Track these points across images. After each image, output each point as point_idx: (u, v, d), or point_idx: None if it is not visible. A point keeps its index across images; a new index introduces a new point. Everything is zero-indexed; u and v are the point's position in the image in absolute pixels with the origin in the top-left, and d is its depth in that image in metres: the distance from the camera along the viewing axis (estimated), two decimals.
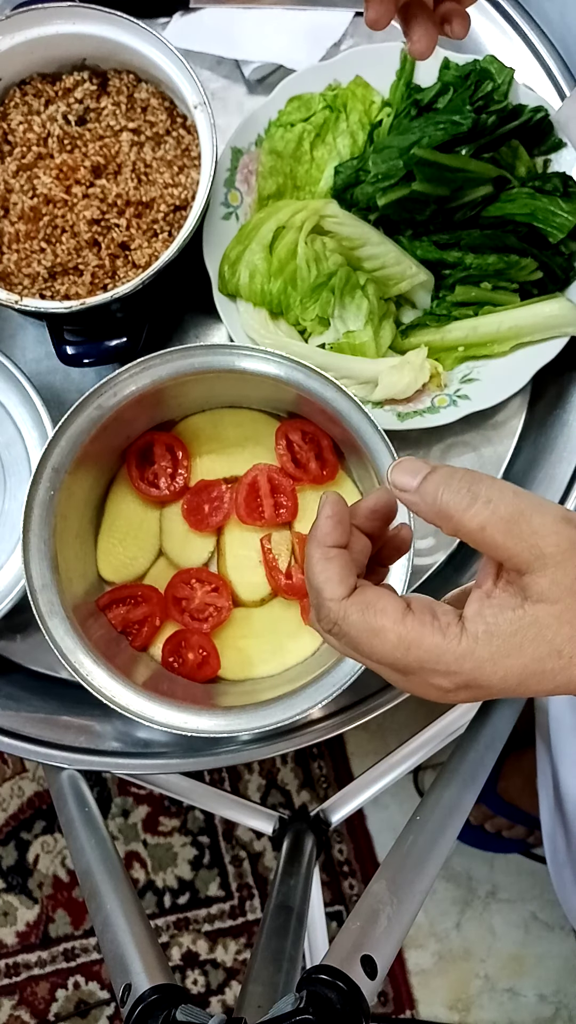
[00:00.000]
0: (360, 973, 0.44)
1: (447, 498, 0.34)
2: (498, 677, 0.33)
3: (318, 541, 0.37)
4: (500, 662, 0.33)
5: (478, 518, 0.33)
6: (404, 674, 0.35)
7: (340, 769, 1.16)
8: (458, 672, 0.33)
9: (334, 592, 0.36)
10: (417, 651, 0.34)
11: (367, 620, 0.35)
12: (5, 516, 0.64)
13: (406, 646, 0.34)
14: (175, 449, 0.64)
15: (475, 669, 0.33)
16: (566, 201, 0.61)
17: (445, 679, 0.34)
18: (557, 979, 1.14)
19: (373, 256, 0.62)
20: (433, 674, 0.34)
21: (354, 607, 0.35)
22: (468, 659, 0.33)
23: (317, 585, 0.36)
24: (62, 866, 1.16)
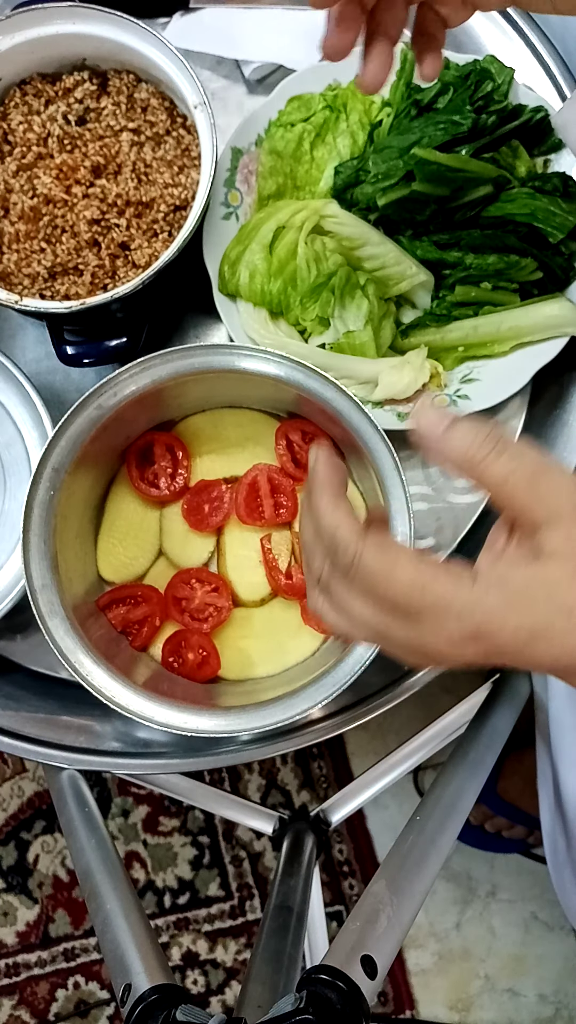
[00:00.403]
0: (360, 973, 0.44)
1: (475, 446, 0.34)
2: (508, 631, 0.33)
3: (324, 486, 0.37)
4: (511, 615, 0.33)
5: (503, 469, 0.33)
6: (414, 622, 0.34)
7: (340, 769, 1.16)
8: (470, 618, 0.33)
9: (352, 529, 0.36)
10: (431, 593, 0.34)
11: (386, 555, 0.35)
12: (5, 516, 0.64)
13: (421, 585, 0.34)
14: (175, 449, 0.64)
15: (486, 618, 0.33)
16: (566, 201, 0.61)
17: (456, 626, 0.33)
18: (557, 979, 1.14)
19: (373, 256, 0.62)
20: (444, 620, 0.33)
21: (372, 544, 0.35)
22: (479, 607, 0.33)
23: (331, 526, 0.36)
24: (62, 866, 1.16)
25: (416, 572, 0.34)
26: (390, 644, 0.36)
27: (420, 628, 0.34)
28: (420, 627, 0.34)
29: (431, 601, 0.34)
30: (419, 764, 0.77)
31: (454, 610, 0.33)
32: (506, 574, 0.34)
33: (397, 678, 0.63)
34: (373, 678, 0.63)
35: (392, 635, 0.36)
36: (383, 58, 0.49)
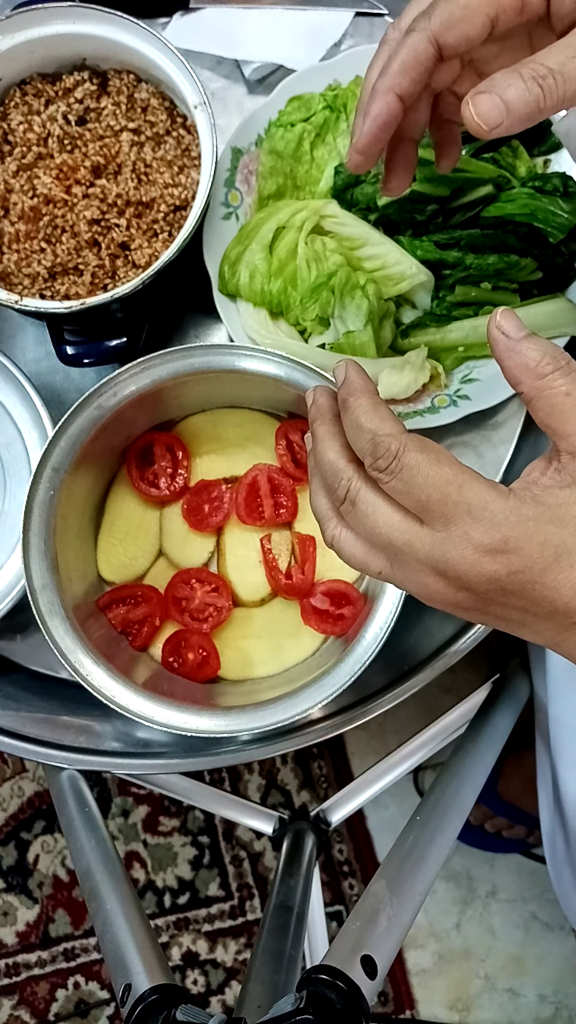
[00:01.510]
0: (360, 973, 0.44)
1: (547, 359, 0.35)
2: (536, 542, 0.33)
3: (364, 391, 0.38)
4: (542, 527, 0.33)
5: (565, 386, 0.34)
6: (443, 526, 0.34)
7: (340, 769, 1.16)
8: (501, 526, 0.33)
9: (396, 426, 0.36)
10: (469, 491, 0.34)
11: (429, 449, 0.35)
12: (5, 516, 0.64)
13: (460, 483, 0.34)
14: (175, 449, 0.64)
15: (518, 527, 0.33)
16: (566, 201, 0.61)
17: (485, 533, 0.33)
18: (557, 979, 1.14)
19: (373, 256, 0.62)
20: (475, 524, 0.34)
21: (415, 439, 0.35)
22: (513, 514, 0.33)
23: (372, 426, 0.36)
24: (62, 866, 1.16)
25: (458, 469, 0.35)
26: (409, 562, 0.36)
27: (447, 533, 0.34)
28: (447, 532, 0.34)
29: (467, 500, 0.34)
30: (419, 764, 0.77)
31: (487, 514, 0.33)
32: (541, 494, 0.34)
33: (397, 678, 0.63)
34: (373, 678, 0.63)
35: (415, 548, 0.35)
36: (408, 163, 0.49)
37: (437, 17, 0.40)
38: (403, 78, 0.41)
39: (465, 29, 0.40)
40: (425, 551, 0.35)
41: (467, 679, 1.07)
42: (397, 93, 0.42)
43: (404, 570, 0.37)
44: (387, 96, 0.42)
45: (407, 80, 0.42)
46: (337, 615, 0.61)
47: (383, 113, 0.42)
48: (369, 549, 0.38)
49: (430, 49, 0.40)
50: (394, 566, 0.37)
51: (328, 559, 0.63)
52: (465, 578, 0.34)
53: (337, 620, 0.61)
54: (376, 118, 0.43)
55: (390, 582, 0.39)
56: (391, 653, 0.56)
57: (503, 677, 0.78)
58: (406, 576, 0.37)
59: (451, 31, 0.40)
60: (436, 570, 0.35)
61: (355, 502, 0.37)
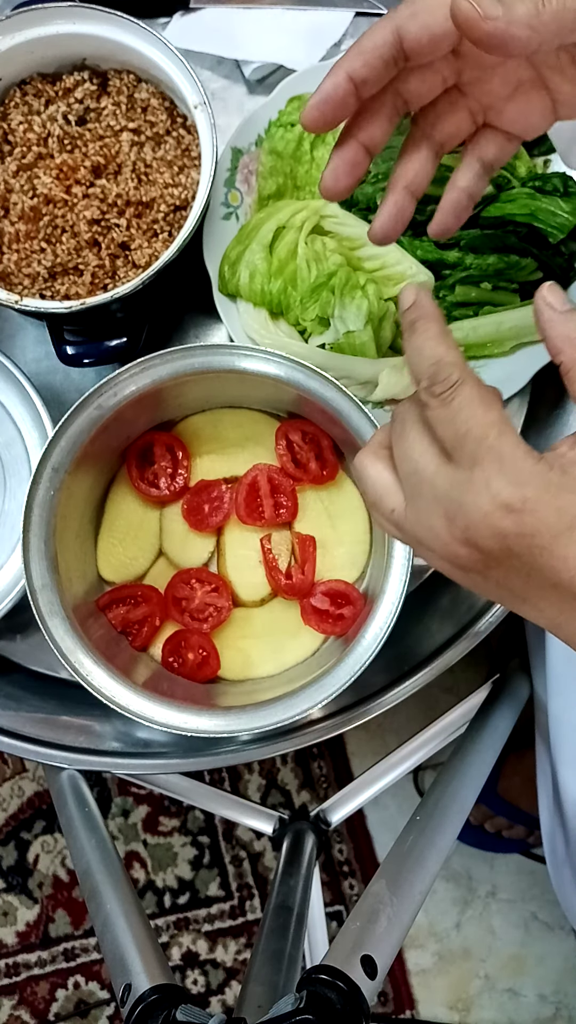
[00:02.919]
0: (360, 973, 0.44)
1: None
2: (554, 508, 0.33)
3: (435, 318, 0.39)
4: (564, 494, 0.34)
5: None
6: (470, 467, 0.35)
7: (340, 769, 1.16)
8: (524, 485, 0.34)
9: (459, 358, 0.37)
10: (505, 441, 0.34)
11: (484, 391, 0.36)
12: (5, 516, 0.64)
13: (500, 430, 0.35)
14: (175, 449, 0.64)
15: (540, 488, 0.34)
16: (566, 201, 0.61)
17: (507, 486, 0.34)
18: (557, 979, 1.14)
19: (373, 256, 0.62)
20: (501, 474, 0.34)
21: (474, 377, 0.36)
22: (539, 476, 0.34)
23: (439, 352, 0.37)
24: (62, 866, 1.16)
25: (504, 418, 0.35)
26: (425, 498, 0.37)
27: (470, 475, 0.35)
28: (471, 474, 0.35)
29: (500, 447, 0.34)
30: (419, 764, 0.77)
31: (514, 469, 0.34)
32: (568, 467, 0.34)
33: (397, 678, 0.63)
34: (373, 678, 0.63)
35: (435, 484, 0.36)
36: (399, 212, 0.47)
37: (403, 8, 0.40)
38: (356, 60, 0.41)
39: (427, 20, 0.39)
40: (444, 489, 0.36)
41: (467, 679, 1.07)
42: (347, 71, 0.41)
43: (417, 508, 0.37)
44: (337, 74, 0.41)
45: (359, 62, 0.41)
46: (337, 615, 0.61)
47: (328, 87, 0.42)
48: (393, 480, 0.39)
49: (389, 37, 0.40)
50: (409, 504, 0.38)
51: (328, 559, 0.63)
52: (473, 529, 0.35)
53: (337, 620, 0.61)
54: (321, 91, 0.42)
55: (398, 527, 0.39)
56: (391, 653, 0.56)
57: (503, 677, 0.78)
58: (417, 517, 0.37)
59: (413, 20, 0.39)
60: (448, 514, 0.36)
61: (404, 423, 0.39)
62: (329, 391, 0.56)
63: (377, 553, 0.62)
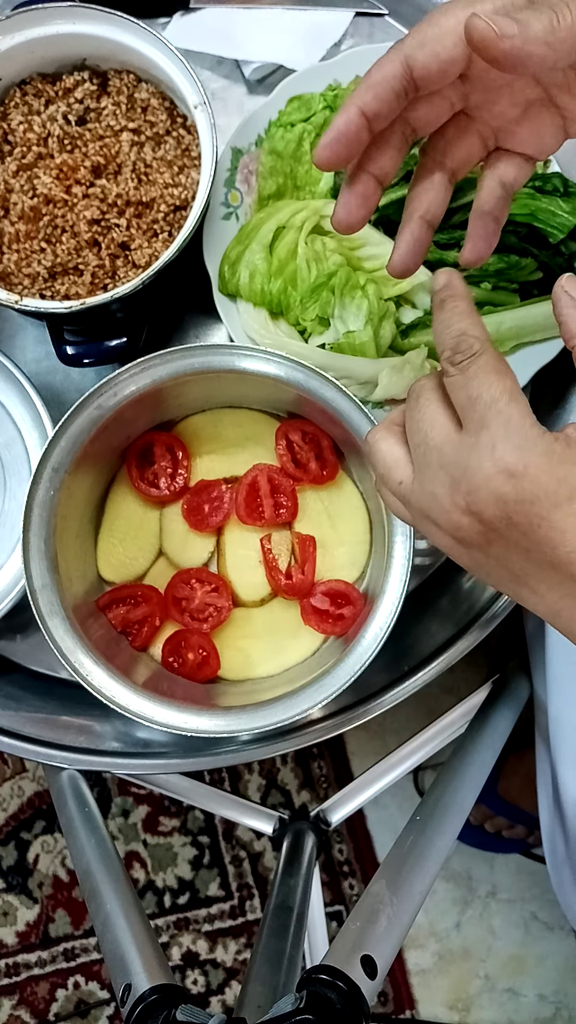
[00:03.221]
0: (360, 973, 0.44)
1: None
2: (556, 477, 0.34)
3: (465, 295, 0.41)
4: (566, 465, 0.34)
5: None
6: (477, 431, 0.36)
7: (340, 769, 1.16)
8: (528, 451, 0.35)
9: (484, 333, 0.39)
10: (514, 408, 0.36)
11: (502, 364, 0.38)
12: (5, 516, 0.64)
13: (511, 398, 0.36)
14: (175, 449, 0.64)
15: (543, 456, 0.34)
16: (566, 201, 0.61)
17: (511, 451, 0.35)
18: (557, 979, 1.14)
19: (373, 256, 0.62)
20: (506, 438, 0.35)
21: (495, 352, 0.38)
22: (543, 445, 0.35)
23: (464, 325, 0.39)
24: (62, 866, 1.16)
25: (517, 389, 0.37)
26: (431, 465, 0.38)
27: (477, 439, 0.36)
28: (478, 439, 0.36)
29: (509, 414, 0.35)
30: (419, 764, 0.77)
31: (519, 434, 0.35)
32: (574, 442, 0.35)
33: (397, 678, 0.63)
34: (373, 678, 0.63)
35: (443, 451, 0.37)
36: (416, 243, 0.47)
37: (410, 38, 0.40)
38: (367, 93, 0.41)
39: (435, 48, 0.39)
40: (450, 454, 0.37)
41: (467, 679, 1.07)
42: (359, 106, 0.41)
43: (423, 478, 0.39)
44: (349, 110, 0.42)
45: (371, 95, 0.41)
46: (337, 615, 0.61)
47: (341, 124, 0.42)
48: (403, 453, 0.41)
49: (398, 68, 0.40)
50: (416, 475, 0.39)
51: (328, 559, 0.63)
52: (476, 494, 0.35)
53: (337, 620, 0.61)
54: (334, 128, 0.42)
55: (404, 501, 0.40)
56: (391, 653, 0.56)
57: (503, 677, 0.78)
58: (422, 486, 0.39)
59: (421, 50, 0.39)
60: (452, 480, 0.37)
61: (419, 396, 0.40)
62: (329, 391, 0.56)
63: (377, 553, 0.62)
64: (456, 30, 0.38)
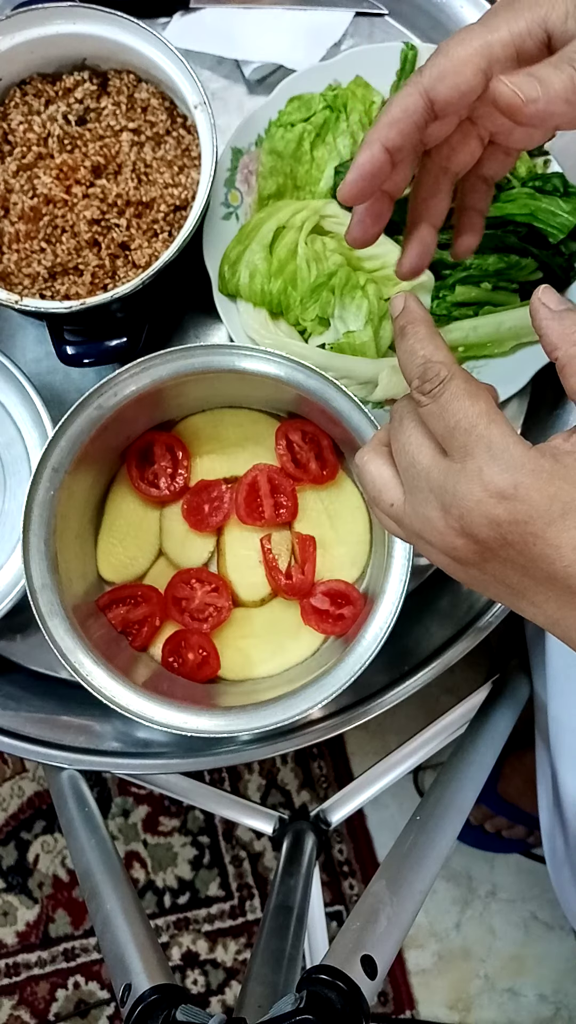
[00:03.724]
0: (360, 973, 0.44)
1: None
2: (547, 495, 0.34)
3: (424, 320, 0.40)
4: (556, 481, 0.34)
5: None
6: (462, 458, 0.36)
7: (340, 769, 1.16)
8: (516, 470, 0.34)
9: (447, 356, 0.38)
10: (494, 429, 0.35)
11: (471, 384, 0.37)
12: (5, 516, 0.64)
13: (489, 419, 0.36)
14: (175, 449, 0.64)
15: (531, 475, 0.34)
16: (566, 201, 0.61)
17: (499, 472, 0.34)
18: (557, 979, 1.14)
19: (373, 256, 0.62)
20: (492, 462, 0.35)
21: (463, 372, 0.38)
22: (530, 464, 0.34)
23: (426, 352, 0.39)
24: (62, 866, 1.16)
25: (492, 408, 0.36)
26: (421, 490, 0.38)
27: (463, 466, 0.35)
28: (463, 464, 0.35)
29: (490, 436, 0.35)
30: (419, 764, 0.77)
31: (505, 455, 0.35)
32: (561, 456, 0.35)
33: (397, 678, 0.63)
34: (373, 678, 0.63)
35: (431, 475, 0.37)
36: (425, 248, 0.50)
37: (428, 71, 0.40)
38: (390, 130, 0.42)
39: (455, 80, 0.40)
40: (439, 480, 0.36)
41: (467, 679, 1.07)
42: (383, 143, 0.42)
43: (414, 501, 0.38)
44: (373, 147, 0.42)
45: (394, 132, 0.42)
46: (337, 615, 0.61)
47: (367, 163, 0.43)
48: (393, 475, 0.40)
49: (419, 101, 0.41)
50: (407, 497, 0.39)
51: (328, 559, 0.63)
52: (468, 518, 0.35)
53: (337, 620, 0.61)
54: (360, 167, 0.43)
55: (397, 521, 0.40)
56: (391, 653, 0.56)
57: (503, 677, 0.78)
58: (414, 508, 0.38)
59: (441, 83, 0.40)
60: (443, 504, 0.36)
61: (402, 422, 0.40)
62: (329, 391, 0.56)
63: (377, 553, 0.62)
64: (474, 61, 0.39)
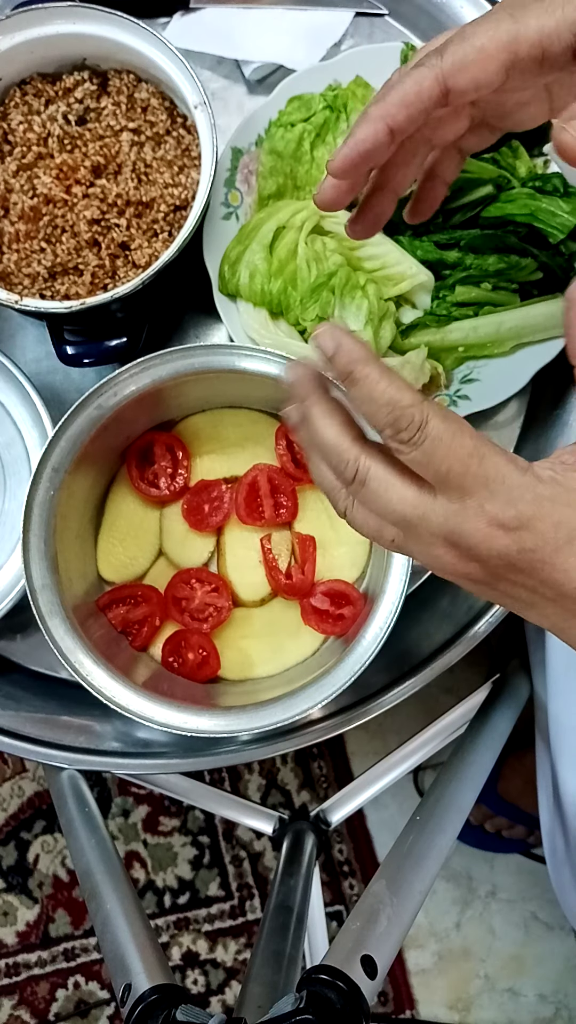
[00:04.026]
0: (360, 973, 0.44)
1: None
2: (552, 522, 0.33)
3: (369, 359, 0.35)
4: (558, 508, 0.33)
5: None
6: (459, 497, 0.34)
7: (340, 769, 1.16)
8: (518, 501, 0.33)
9: (413, 396, 0.34)
10: (490, 463, 0.33)
11: (451, 419, 0.34)
12: (5, 516, 0.64)
13: (480, 455, 0.33)
14: (175, 449, 0.64)
15: (532, 507, 0.33)
16: (566, 201, 0.61)
17: (501, 506, 0.33)
18: (557, 979, 1.14)
19: (373, 256, 0.62)
20: (493, 496, 0.33)
21: (436, 408, 0.34)
22: (530, 491, 0.33)
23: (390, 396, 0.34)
24: (62, 866, 1.16)
25: (479, 440, 0.34)
26: (422, 535, 0.36)
27: (463, 504, 0.34)
28: (463, 503, 0.34)
29: (486, 472, 0.33)
30: (419, 764, 0.77)
31: (504, 488, 0.33)
32: (563, 476, 0.34)
33: (397, 678, 0.63)
34: (373, 678, 0.63)
35: (428, 520, 0.35)
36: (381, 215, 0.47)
37: (450, 56, 0.37)
38: (399, 109, 0.38)
39: (477, 73, 0.37)
40: (438, 523, 0.35)
41: (467, 679, 1.07)
42: (388, 124, 0.39)
43: (416, 542, 0.36)
44: (377, 123, 0.39)
45: (403, 114, 0.38)
46: (337, 615, 0.61)
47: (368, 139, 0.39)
48: (382, 521, 0.38)
49: (435, 88, 0.38)
50: (407, 537, 0.37)
51: (328, 559, 0.63)
52: (476, 551, 0.34)
53: (337, 620, 0.61)
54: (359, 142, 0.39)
55: (402, 552, 0.39)
56: (391, 653, 0.56)
57: (503, 677, 0.78)
58: (418, 548, 0.37)
59: (462, 73, 0.37)
60: (448, 541, 0.35)
61: (365, 482, 0.36)
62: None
63: (377, 553, 0.62)
64: (499, 57, 0.37)
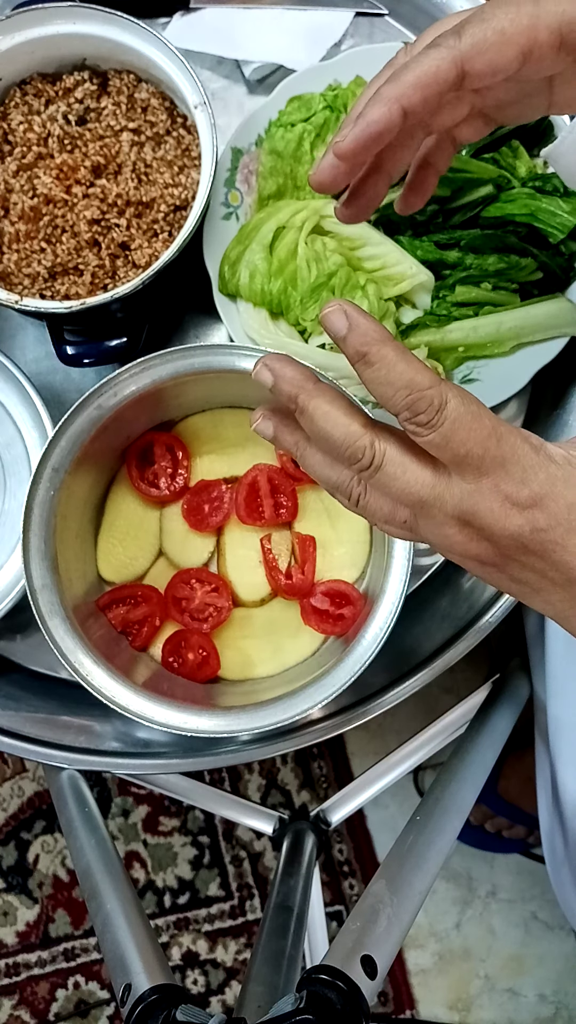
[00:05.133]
0: (360, 973, 0.44)
1: None
2: (565, 503, 0.33)
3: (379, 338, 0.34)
4: (571, 489, 0.33)
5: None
6: (475, 477, 0.34)
7: (340, 769, 1.16)
8: (532, 480, 0.33)
9: (431, 377, 0.34)
10: (507, 443, 0.34)
11: (469, 402, 0.34)
12: (5, 516, 0.64)
13: (498, 436, 0.34)
14: (175, 449, 0.64)
15: (547, 486, 0.33)
16: (566, 201, 0.61)
17: (516, 485, 0.33)
18: (557, 979, 1.14)
19: (373, 256, 0.62)
20: (508, 475, 0.33)
21: (451, 389, 0.34)
22: (545, 471, 0.34)
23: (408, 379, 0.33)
24: (62, 866, 1.16)
25: (496, 421, 0.34)
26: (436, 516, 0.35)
27: (479, 483, 0.34)
28: (479, 483, 0.34)
29: (503, 452, 0.34)
30: (419, 764, 0.77)
31: (519, 468, 0.34)
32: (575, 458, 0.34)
33: (397, 678, 0.63)
34: (373, 678, 0.63)
35: (444, 501, 0.35)
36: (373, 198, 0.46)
37: (468, 38, 0.36)
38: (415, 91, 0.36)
39: (494, 58, 0.36)
40: (454, 503, 0.35)
41: (467, 679, 1.07)
42: (403, 105, 0.37)
43: (429, 522, 0.36)
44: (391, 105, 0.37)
45: (418, 95, 0.37)
46: (337, 615, 0.61)
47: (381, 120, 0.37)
48: (395, 504, 0.37)
49: (452, 70, 0.36)
50: (420, 518, 0.37)
51: (328, 559, 0.63)
52: (489, 530, 0.34)
53: (337, 620, 0.61)
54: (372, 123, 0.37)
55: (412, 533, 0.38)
56: (391, 653, 0.56)
57: (503, 677, 0.78)
58: (430, 528, 0.37)
59: (481, 56, 0.36)
60: (461, 521, 0.35)
61: (381, 466, 0.36)
62: None
63: (377, 553, 0.62)
64: (518, 42, 0.36)
